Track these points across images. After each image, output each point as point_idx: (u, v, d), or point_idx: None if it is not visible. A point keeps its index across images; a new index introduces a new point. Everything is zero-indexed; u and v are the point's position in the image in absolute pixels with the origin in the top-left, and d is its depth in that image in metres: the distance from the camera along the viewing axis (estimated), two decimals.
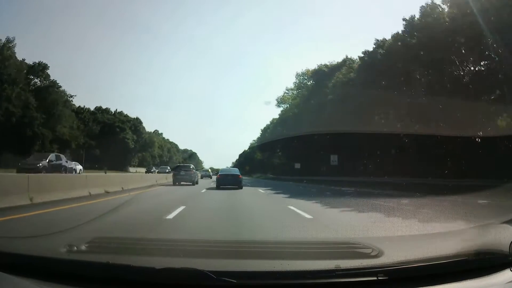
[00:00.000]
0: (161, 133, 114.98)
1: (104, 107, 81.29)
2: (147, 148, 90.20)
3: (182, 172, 24.73)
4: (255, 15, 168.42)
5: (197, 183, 25.72)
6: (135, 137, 79.90)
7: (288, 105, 58.17)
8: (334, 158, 36.18)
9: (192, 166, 27.85)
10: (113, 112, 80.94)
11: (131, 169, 73.69)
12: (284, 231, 6.30)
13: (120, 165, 69.18)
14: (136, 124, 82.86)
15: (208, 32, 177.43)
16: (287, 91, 59.29)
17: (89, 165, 60.41)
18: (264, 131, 77.00)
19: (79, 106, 70.13)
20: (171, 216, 7.76)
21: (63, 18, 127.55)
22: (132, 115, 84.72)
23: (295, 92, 57.84)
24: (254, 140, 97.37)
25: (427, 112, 24.08)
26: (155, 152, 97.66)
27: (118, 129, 75.56)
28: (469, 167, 21.66)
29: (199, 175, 35.81)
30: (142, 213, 8.83)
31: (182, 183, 23.86)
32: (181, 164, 34.01)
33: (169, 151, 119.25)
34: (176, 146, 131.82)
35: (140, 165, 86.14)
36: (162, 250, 2.64)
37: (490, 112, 21.74)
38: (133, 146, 78.85)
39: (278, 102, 60.18)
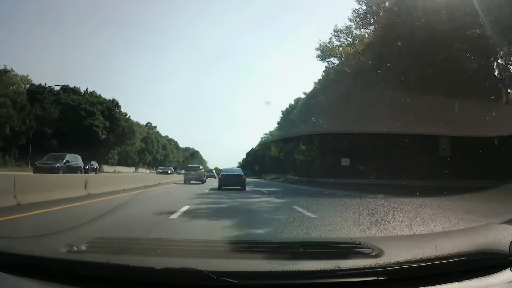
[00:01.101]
0: (155, 126, 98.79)
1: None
2: (125, 140, 68.79)
3: (193, 172, 28.17)
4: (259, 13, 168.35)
5: (205, 181, 28.25)
6: (107, 124, 59.58)
7: (337, 59, 34.89)
8: (444, 142, 20.45)
9: (201, 166, 31.84)
10: (83, 93, 62.17)
11: (106, 168, 57.17)
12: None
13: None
14: (111, 108, 61.54)
15: (212, 32, 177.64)
16: (335, 34, 33.40)
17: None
18: (287, 113, 57.00)
19: (39, 84, 53.35)
20: None
21: (61, 17, 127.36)
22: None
23: (354, 33, 32.56)
24: (266, 134, 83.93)
25: None
26: (137, 145, 78.35)
27: (84, 113, 56.03)
28: None
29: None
30: None
31: (191, 182, 26.46)
32: (191, 165, 37.17)
33: (165, 148, 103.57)
34: (175, 143, 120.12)
35: (122, 163, 68.59)
36: (162, 250, 2.64)
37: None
38: (104, 137, 58.47)
39: (321, 52, 34.69)
